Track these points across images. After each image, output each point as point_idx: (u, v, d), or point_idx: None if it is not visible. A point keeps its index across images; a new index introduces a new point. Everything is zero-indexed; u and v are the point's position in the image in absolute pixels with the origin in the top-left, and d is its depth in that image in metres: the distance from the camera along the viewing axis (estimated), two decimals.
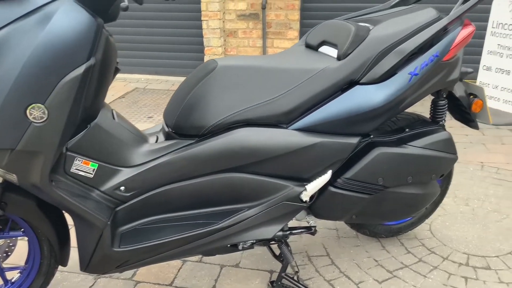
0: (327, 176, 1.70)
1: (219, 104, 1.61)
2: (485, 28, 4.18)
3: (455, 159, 1.90)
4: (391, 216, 1.95)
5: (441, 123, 1.96)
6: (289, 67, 1.67)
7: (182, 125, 1.63)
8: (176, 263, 2.13)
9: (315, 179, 1.71)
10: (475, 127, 2.11)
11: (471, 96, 2.05)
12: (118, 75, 5.45)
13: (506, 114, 3.97)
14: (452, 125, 3.81)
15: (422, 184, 1.90)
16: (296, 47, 1.97)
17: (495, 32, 4.02)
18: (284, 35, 5.09)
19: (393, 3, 2.08)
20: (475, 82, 4.23)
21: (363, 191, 1.78)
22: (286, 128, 1.66)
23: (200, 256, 2.16)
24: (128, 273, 2.06)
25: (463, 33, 1.78)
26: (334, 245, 2.26)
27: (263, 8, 4.97)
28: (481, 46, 4.25)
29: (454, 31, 1.76)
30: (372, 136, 1.81)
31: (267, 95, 1.63)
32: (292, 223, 2.10)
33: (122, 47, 5.49)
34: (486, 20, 4.14)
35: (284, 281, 1.91)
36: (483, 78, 4.16)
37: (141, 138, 1.65)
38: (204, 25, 5.08)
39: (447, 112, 2.02)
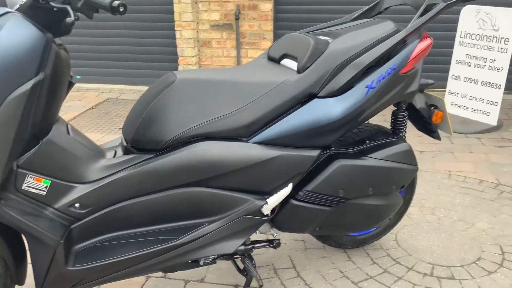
0: (288, 189, 1.70)
1: (178, 118, 1.60)
2: (453, 38, 4.26)
3: (415, 170, 1.92)
4: (354, 227, 1.95)
5: (401, 134, 1.98)
6: (249, 80, 1.67)
7: (140, 140, 1.61)
8: (139, 279, 2.09)
9: (276, 192, 1.70)
10: (437, 137, 2.13)
11: (432, 107, 2.07)
12: (91, 85, 5.40)
13: (475, 122, 4.03)
14: (421, 134, 3.86)
15: (383, 195, 1.91)
16: (259, 59, 1.97)
17: (463, 42, 4.09)
18: (258, 45, 5.11)
19: (354, 16, 2.10)
20: (444, 90, 4.30)
21: (324, 203, 1.78)
22: (246, 141, 1.65)
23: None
24: None
25: (421, 45, 1.80)
26: (300, 256, 2.25)
27: (237, 18, 4.99)
28: (450, 55, 4.32)
29: (412, 44, 1.78)
30: (333, 148, 1.82)
31: (226, 109, 1.62)
32: (256, 236, 2.08)
33: (94, 57, 5.44)
34: (454, 30, 4.22)
35: None
36: (452, 87, 4.23)
37: (98, 153, 1.62)
38: (177, 35, 5.06)
39: (410, 123, 2.04)
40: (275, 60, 1.90)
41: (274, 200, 1.69)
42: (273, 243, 1.87)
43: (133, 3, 5.21)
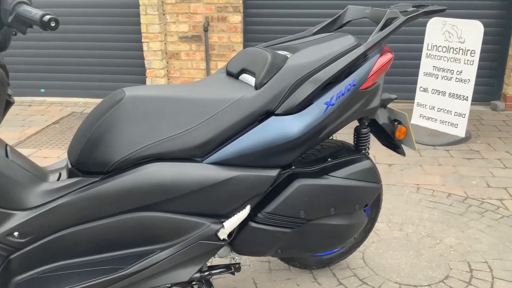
0: (245, 212, 1.61)
1: (126, 138, 1.50)
2: (421, 50, 4.27)
3: (379, 188, 1.86)
4: (317, 248, 1.88)
5: (364, 151, 1.92)
6: (203, 97, 1.59)
7: (85, 162, 1.50)
8: None
9: (233, 215, 1.62)
10: (402, 153, 2.09)
11: (396, 123, 2.02)
12: (55, 99, 5.24)
13: (444, 134, 4.03)
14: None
15: (346, 215, 1.84)
16: (217, 74, 1.89)
17: (430, 54, 4.10)
18: (228, 57, 5.04)
19: (316, 30, 2.05)
20: (413, 102, 4.30)
21: (285, 225, 1.70)
22: (201, 161, 1.56)
23: None
24: None
25: (381, 60, 1.75)
26: (264, 279, 2.16)
27: (205, 30, 4.91)
28: (418, 67, 4.33)
29: (372, 59, 1.73)
30: (293, 167, 1.74)
31: (178, 128, 1.53)
32: (215, 260, 1.99)
33: (59, 69, 5.28)
34: (422, 41, 4.23)
35: None
36: (420, 99, 4.23)
37: (40, 176, 1.51)
38: (145, 47, 4.96)
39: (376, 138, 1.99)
40: (233, 75, 1.82)
41: (231, 223, 1.60)
42: (231, 269, 1.77)
43: (99, 14, 5.09)
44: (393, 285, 2.12)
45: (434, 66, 4.09)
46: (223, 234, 1.60)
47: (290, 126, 1.59)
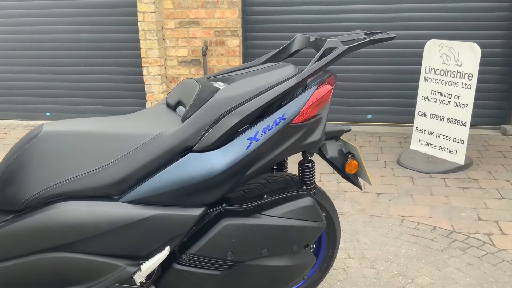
0: (163, 254, 1.53)
1: (39, 174, 1.45)
2: (418, 72, 4.12)
3: (321, 227, 1.74)
4: None
5: (309, 187, 1.81)
6: (123, 132, 1.53)
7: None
8: None
9: (152, 256, 1.54)
10: (358, 186, 1.96)
11: (350, 156, 1.91)
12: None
13: (442, 161, 3.84)
14: (383, 173, 3.68)
15: (287, 255, 1.73)
16: (157, 106, 1.84)
17: (428, 77, 3.95)
18: None
19: (264, 59, 1.97)
20: (412, 126, 4.13)
21: (212, 267, 1.61)
22: (118, 200, 1.50)
23: None
24: None
25: (319, 92, 1.65)
26: None
27: (204, 54, 4.91)
28: (417, 90, 4.17)
29: (308, 91, 1.63)
30: (224, 205, 1.65)
31: (93, 165, 1.48)
32: None
33: (61, 94, 5.37)
34: (420, 63, 4.08)
35: None
36: (419, 124, 4.06)
37: None
38: (144, 72, 4.99)
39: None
40: (171, 107, 1.76)
41: (148, 266, 1.52)
42: None
43: (100, 40, 5.17)
44: None
45: (432, 90, 3.93)
46: (139, 277, 1.52)
47: (207, 163, 1.50)
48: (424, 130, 4.03)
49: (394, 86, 4.84)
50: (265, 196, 1.70)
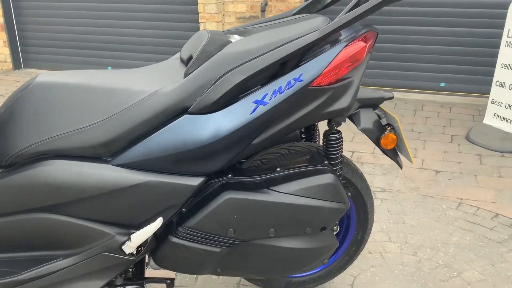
0: (156, 225, 1.38)
1: (27, 129, 1.34)
2: (500, 37, 3.60)
3: (341, 209, 1.50)
4: (266, 272, 1.58)
5: (334, 161, 1.56)
6: (118, 88, 1.37)
7: None
8: None
9: (143, 227, 1.39)
10: (398, 163, 1.69)
11: (389, 128, 1.63)
12: None
13: None
14: (446, 149, 3.30)
15: (299, 237, 1.52)
16: (171, 60, 1.65)
17: (510, 42, 3.43)
18: None
19: (296, 10, 1.70)
20: (487, 97, 3.66)
21: (211, 243, 1.44)
22: (109, 162, 1.35)
23: None
24: None
25: (348, 51, 1.38)
26: None
27: (262, 10, 4.64)
28: (496, 56, 3.67)
29: (333, 49, 1.37)
30: (229, 176, 1.46)
31: (83, 121, 1.33)
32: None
33: (118, 56, 5.37)
34: (501, 27, 3.56)
35: None
36: (495, 95, 3.58)
37: None
38: (201, 27, 4.83)
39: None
40: (184, 62, 1.57)
41: (138, 237, 1.38)
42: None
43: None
44: None
45: None
46: (129, 248, 1.38)
47: (203, 127, 1.30)
48: (501, 102, 3.54)
49: (471, 52, 4.31)
50: (278, 169, 1.48)
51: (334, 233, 1.69)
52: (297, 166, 1.51)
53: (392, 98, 1.65)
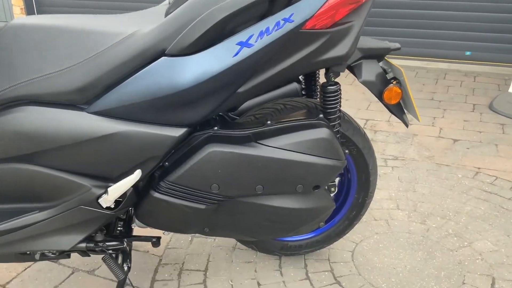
0: (134, 178, 1.29)
1: (0, 74, 1.26)
2: None
3: (336, 167, 1.38)
4: (256, 233, 1.50)
5: (332, 116, 1.44)
6: (94, 30, 1.27)
7: None
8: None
9: (121, 180, 1.31)
10: (404, 122, 1.56)
11: (394, 82, 1.50)
12: None
13: None
14: (467, 118, 3.12)
15: (290, 196, 1.42)
16: (160, 5, 1.54)
17: None
18: None
19: None
20: None
21: (195, 199, 1.35)
22: (85, 110, 1.26)
23: None
24: None
25: None
26: (222, 257, 1.83)
27: None
28: None
29: None
30: (216, 128, 1.35)
31: (57, 65, 1.25)
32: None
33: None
34: None
35: None
36: None
37: None
38: None
39: None
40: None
41: (115, 190, 1.29)
42: (124, 248, 1.47)
43: None
44: None
45: None
46: (105, 201, 1.30)
47: (180, 71, 1.20)
48: None
49: (498, 18, 4.06)
50: (268, 122, 1.37)
51: (332, 194, 1.58)
52: (289, 120, 1.39)
53: (399, 49, 1.51)
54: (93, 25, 1.29)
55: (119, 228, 1.55)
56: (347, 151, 1.47)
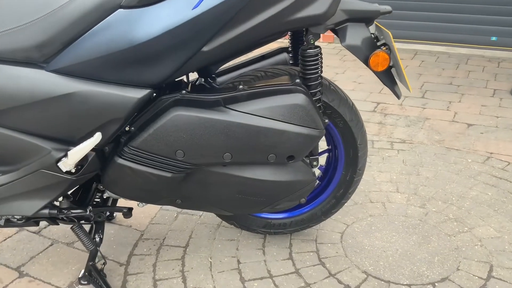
0: (92, 141, 1.23)
1: None
2: None
3: (312, 136, 1.28)
4: (230, 206, 1.42)
5: (314, 82, 1.34)
6: None
7: None
8: (13, 230, 1.81)
9: (81, 143, 1.25)
10: (395, 93, 1.45)
11: (385, 48, 1.39)
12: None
13: None
14: (485, 103, 2.95)
15: (263, 166, 1.33)
16: None
17: None
18: None
19: None
20: None
21: (160, 166, 1.28)
22: (44, 68, 1.21)
23: (44, 226, 1.82)
24: None
25: None
26: (205, 234, 1.76)
27: None
28: None
29: None
30: (184, 92, 1.28)
31: (14, 21, 1.19)
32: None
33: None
34: None
35: (94, 273, 1.49)
36: None
37: None
38: None
39: None
40: None
41: (75, 154, 1.23)
42: (88, 217, 1.42)
43: None
44: (357, 274, 1.54)
45: None
46: (65, 165, 1.25)
47: (135, 24, 1.12)
48: None
49: None
50: (240, 87, 1.28)
51: (315, 168, 1.48)
52: (263, 85, 1.30)
53: (390, 12, 1.40)
54: None
55: (96, 199, 1.50)
56: (327, 120, 1.37)
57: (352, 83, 3.40)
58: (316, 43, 1.51)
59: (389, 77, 1.43)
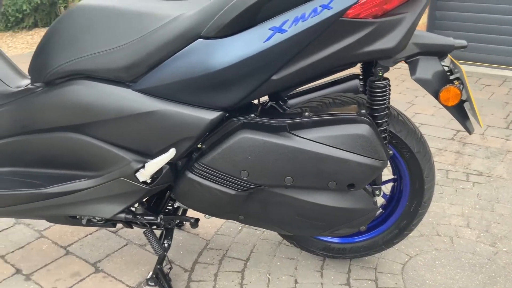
0: (168, 155, 1.34)
1: (64, 47, 1.39)
2: None
3: (374, 167, 1.30)
4: (288, 227, 1.47)
5: (381, 112, 1.36)
6: (147, 12, 1.34)
7: (32, 69, 1.45)
8: (91, 228, 1.98)
9: (157, 156, 1.37)
10: (466, 128, 1.43)
11: (457, 82, 1.38)
12: None
13: None
14: None
15: (324, 192, 1.37)
16: None
17: None
18: None
19: None
20: None
21: (225, 184, 1.36)
22: (131, 87, 1.34)
23: (121, 227, 1.98)
24: (40, 224, 2.00)
25: None
26: (266, 250, 1.82)
27: None
28: None
29: None
30: (253, 115, 1.35)
31: (109, 44, 1.34)
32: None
33: None
34: None
35: (160, 276, 1.61)
36: None
37: (5, 80, 1.52)
38: None
39: None
40: None
41: (151, 166, 1.35)
42: (158, 225, 1.53)
43: None
44: None
45: None
46: (142, 175, 1.37)
47: (212, 53, 1.21)
48: None
49: None
50: (306, 113, 1.33)
51: (377, 198, 1.49)
52: (329, 114, 1.34)
53: (465, 47, 1.38)
54: (145, 7, 1.36)
55: (168, 207, 1.62)
56: (391, 151, 1.38)
57: (432, 108, 3.31)
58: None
59: (461, 112, 1.41)
